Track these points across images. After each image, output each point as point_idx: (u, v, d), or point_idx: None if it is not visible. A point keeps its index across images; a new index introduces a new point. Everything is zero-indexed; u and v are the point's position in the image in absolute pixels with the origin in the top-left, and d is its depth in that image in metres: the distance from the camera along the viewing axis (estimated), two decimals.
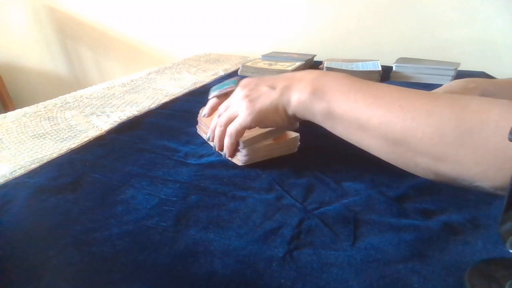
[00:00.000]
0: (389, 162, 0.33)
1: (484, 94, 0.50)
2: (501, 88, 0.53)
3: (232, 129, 0.42)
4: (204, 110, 0.51)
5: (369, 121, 0.31)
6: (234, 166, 0.45)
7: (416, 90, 0.32)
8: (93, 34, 1.60)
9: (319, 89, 0.35)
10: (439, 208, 0.37)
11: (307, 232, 0.33)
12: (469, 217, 0.36)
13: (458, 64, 0.96)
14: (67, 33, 1.66)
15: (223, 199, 0.38)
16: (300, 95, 0.37)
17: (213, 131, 0.46)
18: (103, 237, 0.32)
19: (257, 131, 0.45)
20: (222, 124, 0.44)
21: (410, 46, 1.20)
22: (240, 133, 0.42)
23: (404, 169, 0.32)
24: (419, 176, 0.34)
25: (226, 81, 0.50)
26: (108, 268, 0.28)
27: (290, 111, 0.39)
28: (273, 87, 0.40)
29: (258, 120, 0.40)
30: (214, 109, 0.50)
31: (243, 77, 0.46)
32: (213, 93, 0.50)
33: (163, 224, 0.34)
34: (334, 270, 0.29)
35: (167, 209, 0.36)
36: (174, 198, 0.38)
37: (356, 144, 0.35)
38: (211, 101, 0.50)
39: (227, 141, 0.44)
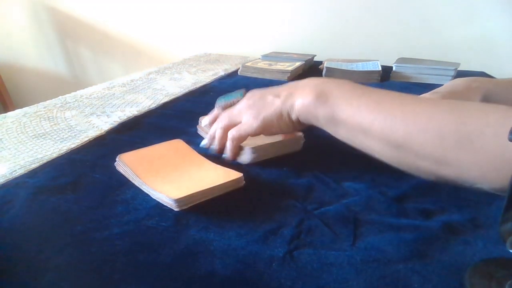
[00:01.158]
0: (392, 164, 0.34)
1: (487, 93, 0.50)
2: (503, 88, 0.53)
3: (235, 133, 0.43)
4: (205, 119, 0.50)
5: (371, 126, 0.32)
6: (235, 165, 0.45)
7: (416, 96, 0.33)
8: (93, 34, 1.60)
9: (322, 94, 0.36)
10: (439, 208, 0.37)
11: (307, 232, 0.33)
12: (469, 217, 0.36)
13: (458, 64, 0.96)
14: (67, 33, 1.66)
15: (223, 199, 0.38)
16: (303, 100, 0.38)
17: (212, 136, 0.46)
18: (103, 237, 0.32)
19: (261, 138, 0.45)
20: (223, 127, 0.44)
21: (410, 46, 1.20)
22: (243, 138, 0.43)
23: (407, 171, 0.33)
24: (419, 176, 0.34)
25: (232, 93, 0.49)
26: (108, 268, 0.28)
27: (294, 115, 0.39)
28: (277, 96, 0.41)
29: (263, 127, 0.41)
30: (216, 118, 0.49)
31: (249, 89, 0.47)
32: (219, 103, 0.49)
33: (163, 224, 0.34)
34: (334, 270, 0.29)
35: (167, 209, 0.36)
36: None
37: (358, 148, 0.36)
38: (214, 111, 0.50)
39: (229, 145, 0.44)
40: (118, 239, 0.32)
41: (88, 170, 0.44)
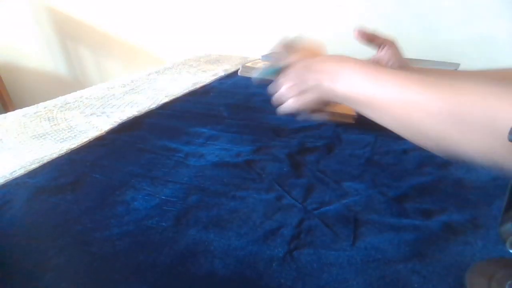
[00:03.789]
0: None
1: None
2: None
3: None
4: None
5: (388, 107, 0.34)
6: (234, 166, 0.45)
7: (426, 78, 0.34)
8: (93, 34, 1.60)
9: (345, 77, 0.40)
10: (439, 208, 0.37)
11: (307, 232, 0.33)
12: (469, 217, 0.36)
13: (458, 64, 0.96)
14: (67, 33, 1.66)
15: (223, 199, 0.38)
16: (331, 86, 0.40)
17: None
18: (103, 237, 0.32)
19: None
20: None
21: (410, 46, 1.20)
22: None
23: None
24: (419, 176, 0.33)
25: (268, 68, 0.52)
26: (108, 268, 0.28)
27: (333, 99, 0.41)
28: (317, 80, 0.42)
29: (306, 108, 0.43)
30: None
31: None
32: (257, 77, 0.52)
33: (163, 224, 0.34)
34: (334, 270, 0.29)
35: (167, 209, 0.36)
36: (174, 199, 0.38)
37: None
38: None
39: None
40: (118, 239, 0.32)
41: (88, 170, 0.44)
